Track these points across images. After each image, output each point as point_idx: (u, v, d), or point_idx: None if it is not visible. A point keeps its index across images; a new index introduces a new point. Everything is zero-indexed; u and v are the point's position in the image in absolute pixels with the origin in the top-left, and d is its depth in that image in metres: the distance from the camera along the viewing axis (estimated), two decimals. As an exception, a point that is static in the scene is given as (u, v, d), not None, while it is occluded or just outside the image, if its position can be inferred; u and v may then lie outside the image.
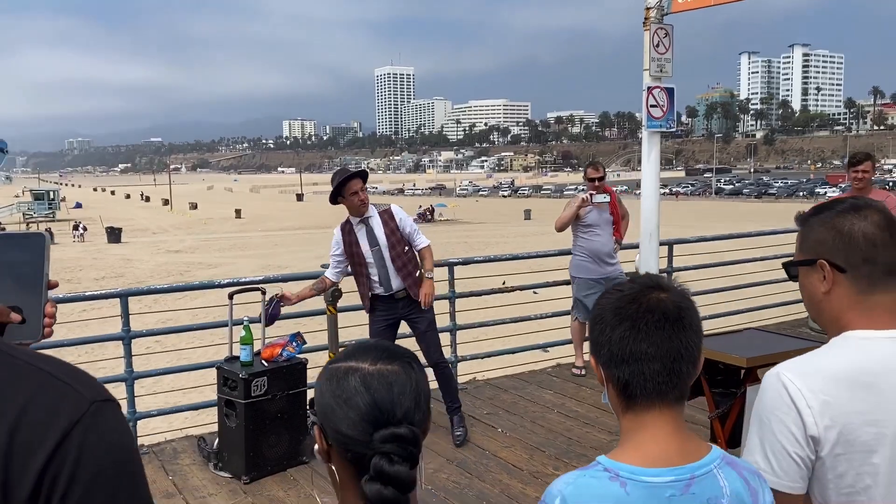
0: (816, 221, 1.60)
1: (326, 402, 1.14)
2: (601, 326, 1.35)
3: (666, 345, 1.29)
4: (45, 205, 69.06)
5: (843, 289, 1.56)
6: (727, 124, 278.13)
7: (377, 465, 1.07)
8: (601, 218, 6.71)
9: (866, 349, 1.50)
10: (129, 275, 33.17)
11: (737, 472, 1.33)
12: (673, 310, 1.30)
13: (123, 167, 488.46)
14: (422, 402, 1.15)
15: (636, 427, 1.34)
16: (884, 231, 1.52)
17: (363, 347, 1.20)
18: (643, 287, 1.35)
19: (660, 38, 6.89)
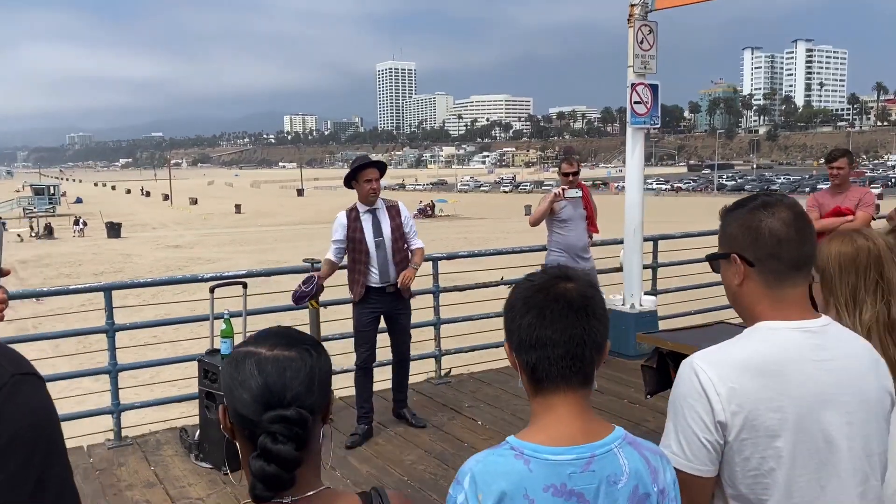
0: (731, 217, 1.67)
1: (226, 384, 1.22)
2: (512, 314, 1.43)
3: (570, 331, 1.36)
4: (45, 200, 69.11)
5: (753, 282, 1.63)
6: (730, 120, 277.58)
7: (262, 444, 1.15)
8: (576, 213, 6.76)
9: (773, 339, 1.57)
10: (127, 270, 33.26)
11: (638, 452, 1.40)
12: (578, 298, 1.38)
13: (124, 162, 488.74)
14: (315, 387, 1.22)
15: (543, 409, 1.41)
16: (790, 227, 1.58)
17: (265, 334, 1.28)
18: (551, 277, 1.42)
19: (644, 34, 6.95)
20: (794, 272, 1.60)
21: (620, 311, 7.27)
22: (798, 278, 1.61)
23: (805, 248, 1.60)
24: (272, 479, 1.15)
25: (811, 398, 1.54)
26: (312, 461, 1.26)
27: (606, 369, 6.79)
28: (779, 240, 1.58)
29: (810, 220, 1.63)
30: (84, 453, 5.04)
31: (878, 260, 2.00)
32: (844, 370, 1.58)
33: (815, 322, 1.61)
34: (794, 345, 1.56)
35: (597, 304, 1.41)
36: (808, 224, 1.62)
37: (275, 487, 1.16)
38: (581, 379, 1.40)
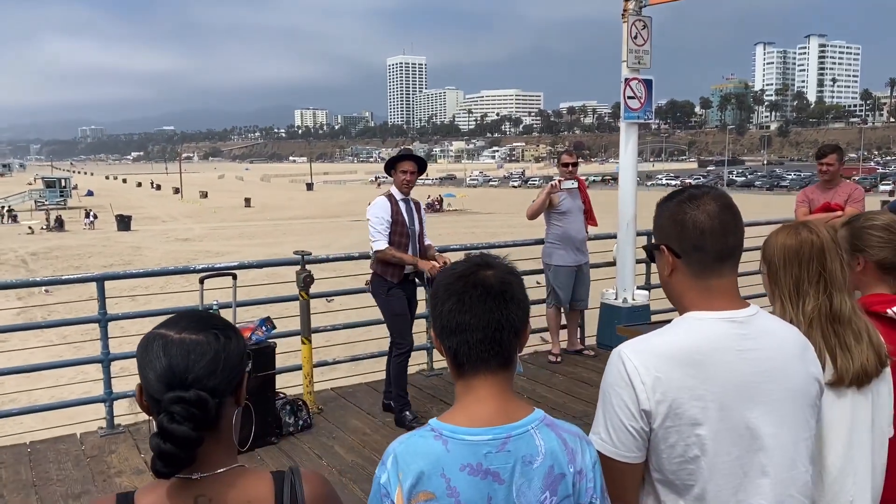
0: (661, 209, 1.72)
1: (138, 364, 1.28)
2: (435, 301, 1.49)
3: (487, 316, 1.42)
4: (56, 192, 69.52)
5: (681, 272, 1.67)
6: (741, 115, 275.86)
7: (159, 422, 1.23)
8: (574, 205, 6.81)
9: (698, 329, 1.61)
10: (136, 262, 33.47)
11: (555, 433, 1.45)
12: (496, 284, 1.44)
13: (136, 155, 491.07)
14: (220, 370, 1.28)
15: (464, 391, 1.47)
16: (714, 220, 1.62)
17: (178, 317, 1.35)
18: (472, 265, 1.48)
19: (638, 29, 6.96)
20: (719, 263, 1.64)
21: (613, 305, 7.30)
22: (724, 269, 1.64)
23: (729, 240, 1.63)
24: (168, 456, 1.21)
25: (733, 387, 1.58)
26: (222, 440, 1.31)
27: (597, 363, 6.84)
28: (702, 231, 1.62)
29: (737, 212, 1.67)
30: (76, 440, 5.13)
31: (820, 252, 2.04)
32: (768, 359, 1.62)
33: (742, 312, 1.64)
34: (717, 335, 1.60)
35: (515, 290, 1.46)
36: (733, 216, 1.65)
37: (172, 465, 1.22)
38: (500, 362, 1.45)
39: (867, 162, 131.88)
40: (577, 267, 6.84)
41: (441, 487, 1.37)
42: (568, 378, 6.44)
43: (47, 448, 4.98)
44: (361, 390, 6.16)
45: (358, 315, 6.83)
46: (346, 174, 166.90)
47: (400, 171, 5.38)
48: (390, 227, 5.29)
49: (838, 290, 2.04)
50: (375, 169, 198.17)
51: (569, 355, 7.04)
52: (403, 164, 5.39)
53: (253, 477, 1.34)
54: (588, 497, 1.46)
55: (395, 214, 5.33)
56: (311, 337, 5.54)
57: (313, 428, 5.25)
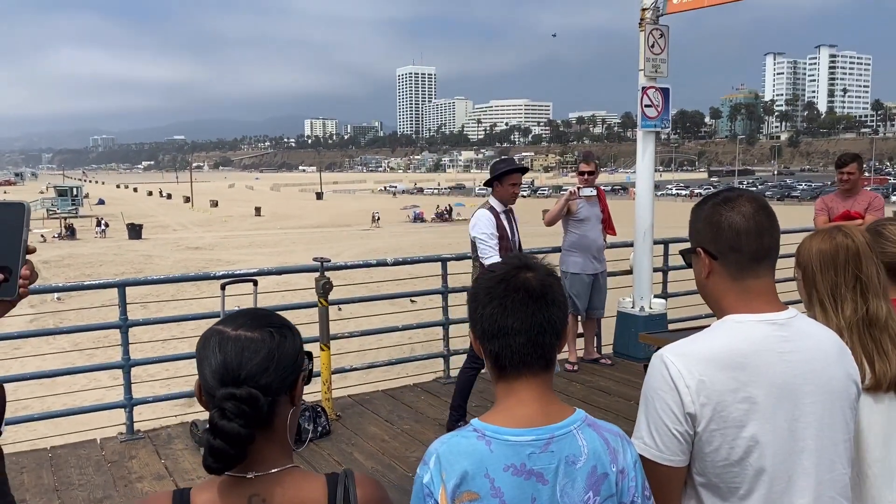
0: (697, 213, 1.74)
1: (197, 359, 1.29)
2: (475, 304, 1.50)
3: (530, 320, 1.43)
4: (68, 201, 69.93)
5: (718, 275, 1.68)
6: (751, 126, 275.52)
7: (211, 418, 1.23)
8: (592, 213, 6.81)
9: (739, 332, 1.62)
10: (147, 270, 33.63)
11: (597, 433, 1.45)
12: (537, 287, 1.45)
13: (146, 165, 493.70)
14: (273, 368, 1.28)
15: (506, 393, 1.47)
16: (749, 221, 1.63)
17: (238, 314, 1.36)
18: (512, 268, 1.48)
19: (655, 38, 6.98)
20: (755, 264, 1.65)
21: (630, 314, 7.28)
22: (760, 270, 1.65)
23: (765, 240, 1.64)
24: (218, 452, 1.22)
25: (776, 389, 1.58)
26: (277, 440, 1.31)
27: (614, 371, 6.82)
28: (737, 232, 1.63)
29: (772, 213, 1.68)
30: (97, 446, 5.15)
31: (856, 257, 2.03)
32: (809, 361, 1.62)
33: (781, 314, 1.65)
34: (759, 337, 1.60)
35: (556, 292, 1.47)
36: (768, 216, 1.66)
37: (222, 461, 1.22)
38: (542, 364, 1.46)
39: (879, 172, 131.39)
40: (594, 275, 6.83)
41: (485, 487, 1.37)
42: (585, 387, 6.41)
43: (68, 453, 5.00)
44: (378, 397, 6.15)
45: (369, 323, 6.84)
46: (356, 184, 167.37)
47: (510, 184, 5.27)
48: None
49: (874, 294, 2.03)
50: (385, 178, 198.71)
51: (585, 364, 7.02)
52: (514, 177, 5.28)
53: (307, 478, 1.34)
54: (630, 496, 1.46)
55: (499, 228, 5.29)
56: (329, 343, 5.55)
57: (332, 435, 5.25)
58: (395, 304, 10.32)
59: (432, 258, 6.63)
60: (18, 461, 4.84)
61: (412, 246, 39.20)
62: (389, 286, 6.93)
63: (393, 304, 10.05)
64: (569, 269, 6.81)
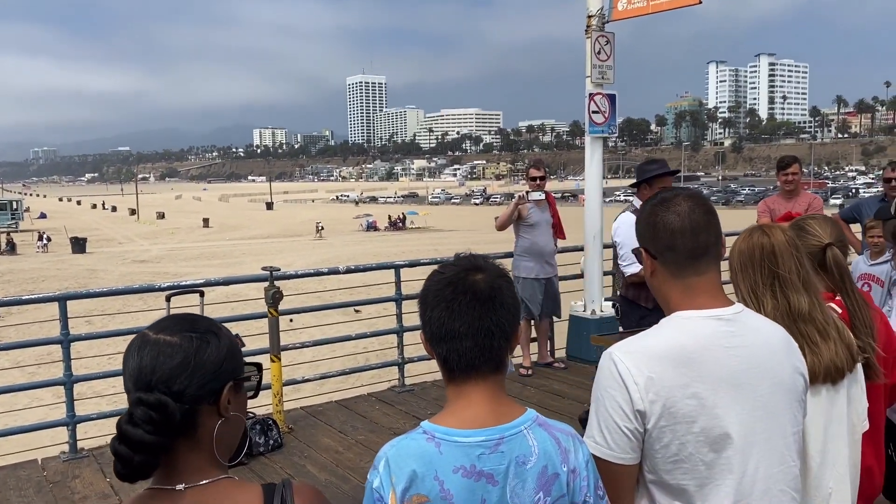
0: (639, 214, 1.77)
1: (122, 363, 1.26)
2: (423, 307, 1.48)
3: (477, 323, 1.41)
4: (7, 215, 67.60)
5: (660, 273, 1.72)
6: (696, 132, 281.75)
7: (118, 422, 1.19)
8: (543, 218, 6.86)
9: (686, 328, 1.63)
10: (92, 284, 32.66)
11: (548, 433, 1.44)
12: (486, 290, 1.43)
13: (90, 177, 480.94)
14: (187, 375, 1.23)
15: (456, 395, 1.46)
16: (684, 220, 1.66)
17: (166, 318, 1.33)
18: (461, 269, 1.47)
19: (601, 45, 7.07)
20: (693, 261, 1.67)
21: (581, 317, 7.34)
22: (699, 267, 1.67)
23: (700, 238, 1.66)
24: (123, 458, 1.18)
25: (725, 383, 1.59)
26: (204, 450, 1.27)
27: (568, 374, 6.86)
28: (672, 232, 1.66)
29: (710, 210, 1.70)
30: (38, 466, 4.96)
31: (771, 254, 2.08)
32: (756, 355, 1.64)
33: (727, 310, 1.67)
34: (706, 332, 1.62)
35: (505, 294, 1.45)
36: (705, 214, 1.68)
37: (129, 468, 1.18)
38: (492, 367, 1.45)
39: (818, 176, 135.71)
40: (547, 279, 6.88)
41: (434, 490, 1.36)
42: (540, 391, 6.44)
43: (7, 475, 4.80)
44: (331, 408, 6.07)
45: (322, 332, 6.75)
46: (307, 193, 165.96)
47: (661, 187, 4.67)
48: None
49: (793, 289, 2.07)
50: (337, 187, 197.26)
51: (539, 368, 7.05)
52: (666, 181, 4.86)
53: (241, 489, 1.29)
54: (582, 496, 1.45)
55: None
56: (280, 355, 5.45)
57: (284, 447, 5.15)
58: (348, 314, 10.30)
59: (385, 265, 6.60)
60: (-47, 485, 4.63)
61: (364, 255, 38.99)
62: (342, 295, 6.87)
63: (346, 314, 9.99)
64: (521, 274, 6.84)
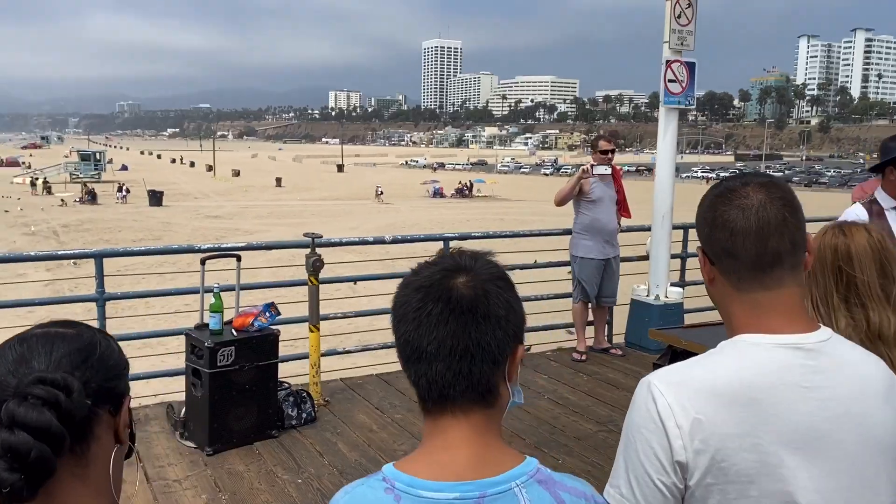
0: (700, 203, 1.36)
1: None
2: (393, 319, 1.12)
3: (450, 341, 1.05)
4: (91, 166, 70.32)
5: (720, 283, 1.31)
6: (781, 110, 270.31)
7: (6, 407, 0.93)
8: (606, 193, 6.39)
9: (751, 357, 1.23)
10: (165, 238, 33.63)
11: (549, 492, 1.07)
12: (465, 299, 1.06)
13: (172, 132, 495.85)
14: (90, 362, 1.00)
15: (431, 432, 1.11)
16: (748, 218, 1.24)
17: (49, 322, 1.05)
18: (439, 270, 1.10)
19: (682, 8, 6.51)
20: (759, 272, 1.26)
21: (644, 302, 6.88)
22: (767, 280, 1.26)
23: (771, 243, 1.24)
24: (17, 453, 0.89)
25: (798, 436, 1.19)
26: (91, 482, 0.99)
27: (625, 363, 6.44)
28: (732, 232, 1.25)
29: (789, 205, 1.26)
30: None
31: (847, 258, 1.67)
32: (844, 400, 1.23)
33: (809, 336, 1.26)
34: (777, 365, 1.22)
35: (493, 303, 1.07)
36: (781, 210, 1.25)
37: (21, 468, 0.88)
38: (474, 397, 1.07)
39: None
40: (606, 260, 6.43)
41: None
42: (593, 379, 6.05)
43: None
44: (371, 382, 5.82)
45: (371, 303, 6.49)
46: (377, 157, 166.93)
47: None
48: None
49: (876, 304, 1.66)
50: (407, 152, 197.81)
51: (595, 354, 6.64)
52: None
53: None
54: None
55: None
56: (319, 324, 5.22)
57: (317, 422, 4.93)
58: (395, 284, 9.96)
59: (433, 237, 6.28)
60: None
61: (429, 221, 38.87)
62: (389, 265, 6.59)
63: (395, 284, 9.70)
64: (578, 253, 6.41)
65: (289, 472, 4.21)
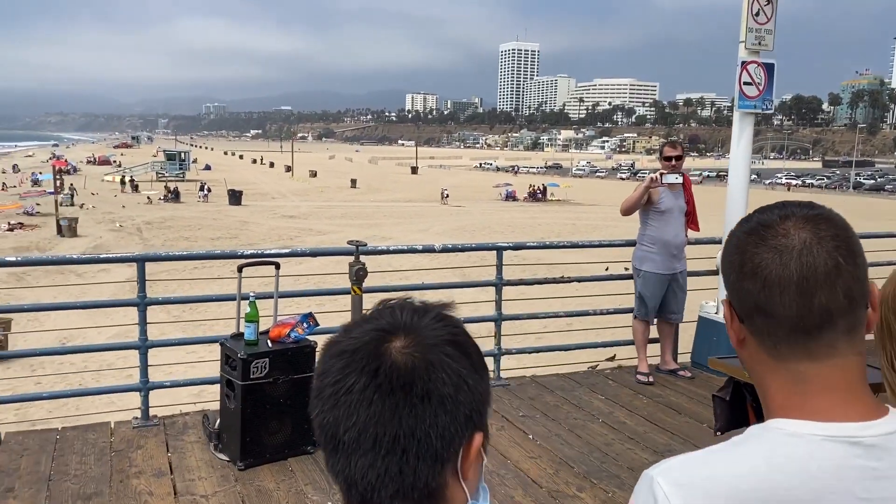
0: (728, 240, 1.02)
1: None
2: (312, 392, 0.85)
3: (373, 430, 0.80)
4: (176, 165, 72.89)
5: (752, 346, 0.98)
6: (874, 114, 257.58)
7: None
8: (675, 204, 5.98)
9: (791, 453, 0.90)
10: (242, 237, 34.38)
11: None
12: (400, 371, 0.80)
13: (254, 133, 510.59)
14: None
15: None
16: (786, 264, 0.91)
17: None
18: (371, 330, 0.84)
19: (760, 5, 6.04)
20: (803, 337, 0.92)
21: (713, 320, 6.41)
22: (814, 347, 0.93)
23: (817, 299, 0.91)
24: None
25: None
26: None
27: (690, 385, 6.01)
28: (765, 283, 0.92)
29: (844, 247, 0.93)
30: (108, 430, 4.81)
31: None
32: None
33: (872, 426, 0.92)
34: (825, 467, 0.90)
35: (436, 378, 0.81)
36: (832, 254, 0.92)
37: None
38: (415, 497, 0.81)
39: None
40: (672, 275, 6.01)
41: None
42: (653, 402, 5.65)
43: (76, 437, 4.68)
44: (418, 397, 5.59)
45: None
46: (451, 159, 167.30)
47: None
48: None
49: None
50: (481, 155, 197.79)
51: (661, 375, 6.22)
52: None
53: None
54: None
55: None
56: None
57: None
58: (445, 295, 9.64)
59: (485, 246, 6.00)
60: (24, 442, 4.57)
61: (500, 224, 38.53)
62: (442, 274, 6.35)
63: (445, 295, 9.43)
64: (642, 267, 6.01)
65: (319, 492, 4.01)
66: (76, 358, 10.61)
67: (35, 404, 7.39)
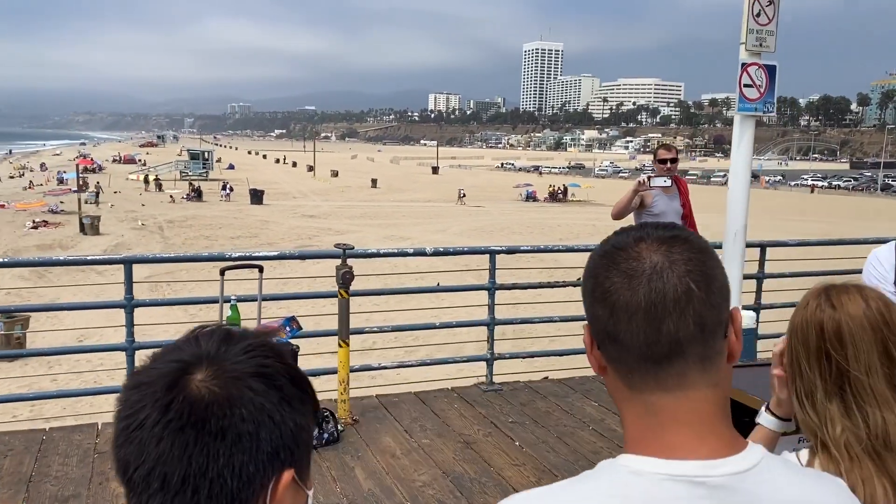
0: (587, 262, 0.96)
1: None
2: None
3: (161, 469, 0.75)
4: (199, 164, 73.56)
5: (611, 374, 0.92)
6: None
7: None
8: (671, 207, 5.89)
9: (629, 494, 0.84)
10: (262, 236, 34.61)
11: None
12: (195, 405, 0.76)
13: (279, 133, 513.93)
14: None
15: None
16: (636, 290, 0.86)
17: None
18: (173, 361, 0.79)
19: (762, 6, 5.92)
20: (653, 367, 0.86)
21: (712, 326, 6.31)
22: (664, 377, 0.86)
23: (665, 326, 0.85)
24: None
25: None
26: None
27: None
28: (613, 309, 0.86)
29: (699, 271, 0.86)
30: (94, 431, 4.83)
31: (837, 338, 1.23)
32: None
33: (717, 465, 0.85)
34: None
35: (236, 414, 0.76)
36: (683, 278, 0.85)
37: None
38: None
39: None
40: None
41: None
42: (646, 408, 5.56)
43: (62, 437, 4.71)
44: (407, 400, 5.55)
45: (416, 317, 6.23)
46: (474, 159, 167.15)
47: None
48: None
49: (880, 400, 1.21)
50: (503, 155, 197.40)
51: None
52: None
53: None
54: None
55: None
56: (348, 339, 4.99)
57: (341, 442, 4.70)
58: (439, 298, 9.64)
59: (478, 250, 5.94)
60: (9, 442, 4.60)
61: (519, 224, 38.43)
62: (434, 278, 6.31)
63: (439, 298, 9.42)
64: (637, 272, 5.93)
65: (296, 498, 3.98)
66: (92, 356, 10.80)
67: (36, 403, 7.46)
